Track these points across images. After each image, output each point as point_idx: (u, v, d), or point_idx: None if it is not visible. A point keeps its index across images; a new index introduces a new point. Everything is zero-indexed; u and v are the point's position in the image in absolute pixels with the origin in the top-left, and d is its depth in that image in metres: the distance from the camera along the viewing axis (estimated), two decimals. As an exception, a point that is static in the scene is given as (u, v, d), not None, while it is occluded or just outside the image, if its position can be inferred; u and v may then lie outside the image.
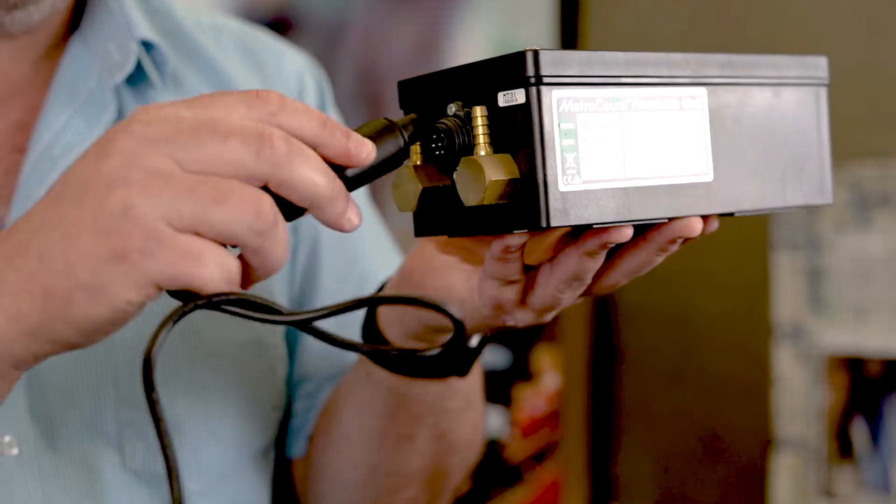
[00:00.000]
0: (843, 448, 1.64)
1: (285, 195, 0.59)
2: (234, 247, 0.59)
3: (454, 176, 0.66)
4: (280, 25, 1.01)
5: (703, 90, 0.69)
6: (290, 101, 0.61)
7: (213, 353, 0.86)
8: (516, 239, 0.67)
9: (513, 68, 0.64)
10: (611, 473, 2.18)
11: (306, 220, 0.87)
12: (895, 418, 1.60)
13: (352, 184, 0.63)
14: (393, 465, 0.89)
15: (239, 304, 0.59)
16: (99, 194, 0.57)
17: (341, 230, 0.62)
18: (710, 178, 0.69)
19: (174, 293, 0.58)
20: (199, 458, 0.85)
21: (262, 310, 0.60)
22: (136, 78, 0.88)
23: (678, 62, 0.69)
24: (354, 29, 2.17)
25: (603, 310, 2.15)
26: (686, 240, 0.69)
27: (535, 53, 0.63)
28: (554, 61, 0.63)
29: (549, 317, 0.73)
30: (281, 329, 0.91)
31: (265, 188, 0.59)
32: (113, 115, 0.85)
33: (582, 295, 0.72)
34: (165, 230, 0.56)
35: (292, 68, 0.98)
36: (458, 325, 0.62)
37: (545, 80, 0.63)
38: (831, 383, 1.65)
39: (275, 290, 0.91)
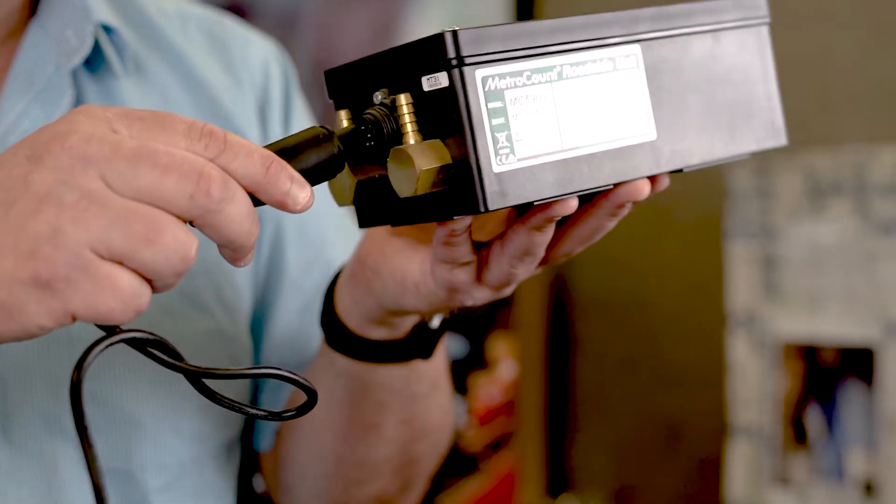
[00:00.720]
0: (798, 435, 1.65)
1: (205, 233, 0.59)
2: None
3: (387, 167, 0.64)
4: (233, 13, 1.00)
5: (636, 47, 0.67)
6: (234, 141, 0.59)
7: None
8: (459, 223, 0.66)
9: (433, 51, 0.61)
10: (567, 462, 2.18)
11: (269, 211, 0.86)
12: (849, 406, 1.61)
13: (312, 176, 0.62)
14: (360, 455, 0.89)
15: (152, 344, 0.60)
16: (27, 209, 0.56)
17: (234, 265, 0.62)
18: (653, 136, 0.67)
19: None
20: (159, 454, 0.84)
21: (170, 355, 0.61)
22: (96, 63, 0.86)
23: (607, 21, 0.66)
24: (308, 16, 2.16)
25: (559, 298, 2.15)
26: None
27: (454, 34, 0.61)
28: (475, 39, 0.61)
29: (507, 291, 0.73)
30: (245, 320, 0.91)
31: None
32: (71, 101, 0.84)
33: (539, 265, 0.71)
34: (91, 258, 0.56)
35: (258, 56, 0.97)
36: (311, 393, 0.63)
37: (467, 60, 0.61)
38: (786, 371, 1.65)
39: (238, 281, 0.91)
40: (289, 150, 0.62)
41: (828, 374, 1.63)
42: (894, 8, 1.75)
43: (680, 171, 0.69)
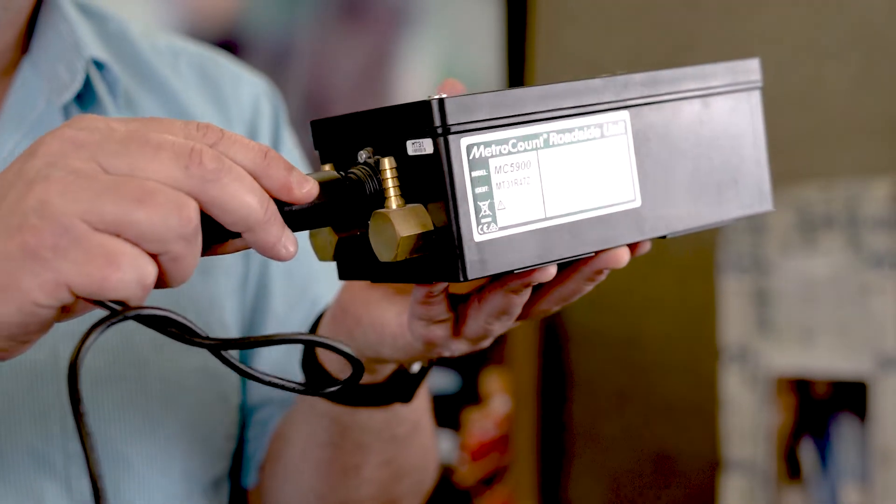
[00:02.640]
0: (792, 469, 1.65)
1: (215, 214, 0.57)
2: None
3: (368, 228, 0.63)
4: (226, 49, 1.00)
5: (625, 113, 0.66)
6: (232, 134, 0.59)
7: (161, 383, 0.85)
8: (437, 286, 0.66)
9: (419, 117, 0.60)
10: (561, 497, 2.17)
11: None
12: (842, 439, 1.61)
13: (293, 222, 0.61)
14: (342, 495, 0.88)
15: (163, 321, 0.57)
16: (18, 192, 0.55)
17: (277, 258, 0.59)
18: (637, 203, 0.67)
19: (99, 302, 0.56)
20: (147, 492, 0.84)
21: (179, 328, 0.58)
22: (88, 100, 0.87)
23: (597, 88, 0.65)
24: (301, 52, 2.16)
25: (552, 333, 2.15)
26: None
27: (441, 102, 0.60)
28: (461, 108, 0.60)
29: (485, 344, 0.73)
30: (233, 357, 0.90)
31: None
32: None
33: (516, 320, 0.71)
34: (82, 227, 0.54)
35: (249, 93, 0.97)
36: (357, 364, 0.61)
37: (453, 128, 0.60)
38: (779, 405, 1.65)
39: (227, 318, 0.90)
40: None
41: (820, 408, 1.63)
42: (884, 43, 1.76)
43: (663, 237, 0.68)
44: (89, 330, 0.56)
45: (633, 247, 0.68)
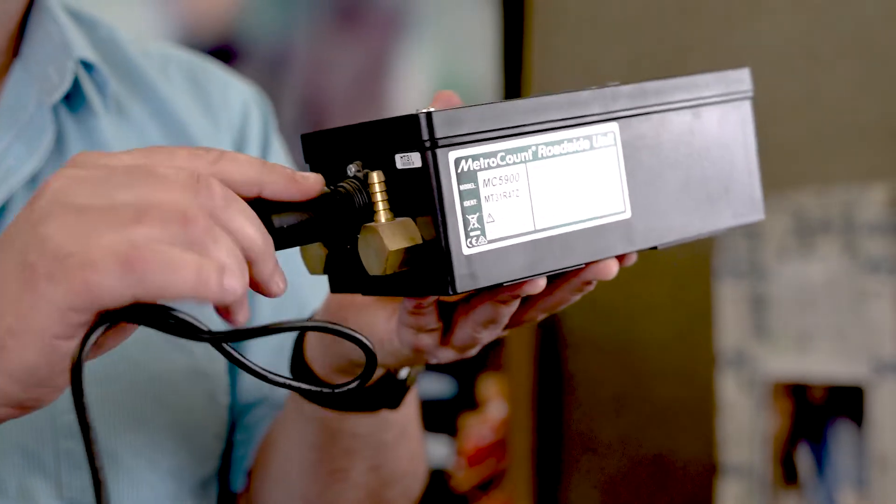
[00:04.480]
0: (788, 474, 1.65)
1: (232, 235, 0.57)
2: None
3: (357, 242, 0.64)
4: (223, 54, 1.00)
5: (614, 125, 0.66)
6: (228, 152, 0.60)
7: (150, 382, 0.85)
8: (427, 298, 0.66)
9: (407, 131, 0.61)
10: (558, 501, 2.17)
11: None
12: (839, 444, 1.61)
13: (284, 238, 0.62)
14: (329, 499, 0.88)
15: (159, 316, 0.58)
16: (25, 236, 0.56)
17: (268, 293, 0.60)
18: (627, 214, 0.66)
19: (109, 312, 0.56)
20: (136, 489, 0.84)
21: (179, 324, 0.58)
22: (77, 102, 0.87)
23: (585, 100, 0.65)
24: (298, 58, 2.17)
25: (548, 338, 2.15)
26: None
27: (428, 115, 0.60)
28: (449, 121, 0.60)
29: (472, 352, 0.73)
30: (223, 359, 0.90)
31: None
32: (52, 136, 0.84)
33: (504, 328, 0.71)
34: (75, 256, 0.54)
35: (238, 100, 0.98)
36: (370, 354, 0.61)
37: (440, 142, 0.60)
38: (775, 410, 1.65)
39: (216, 320, 0.90)
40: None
41: (818, 413, 1.63)
42: (881, 48, 1.76)
43: (654, 248, 0.68)
44: (91, 329, 0.56)
45: (620, 258, 0.68)
